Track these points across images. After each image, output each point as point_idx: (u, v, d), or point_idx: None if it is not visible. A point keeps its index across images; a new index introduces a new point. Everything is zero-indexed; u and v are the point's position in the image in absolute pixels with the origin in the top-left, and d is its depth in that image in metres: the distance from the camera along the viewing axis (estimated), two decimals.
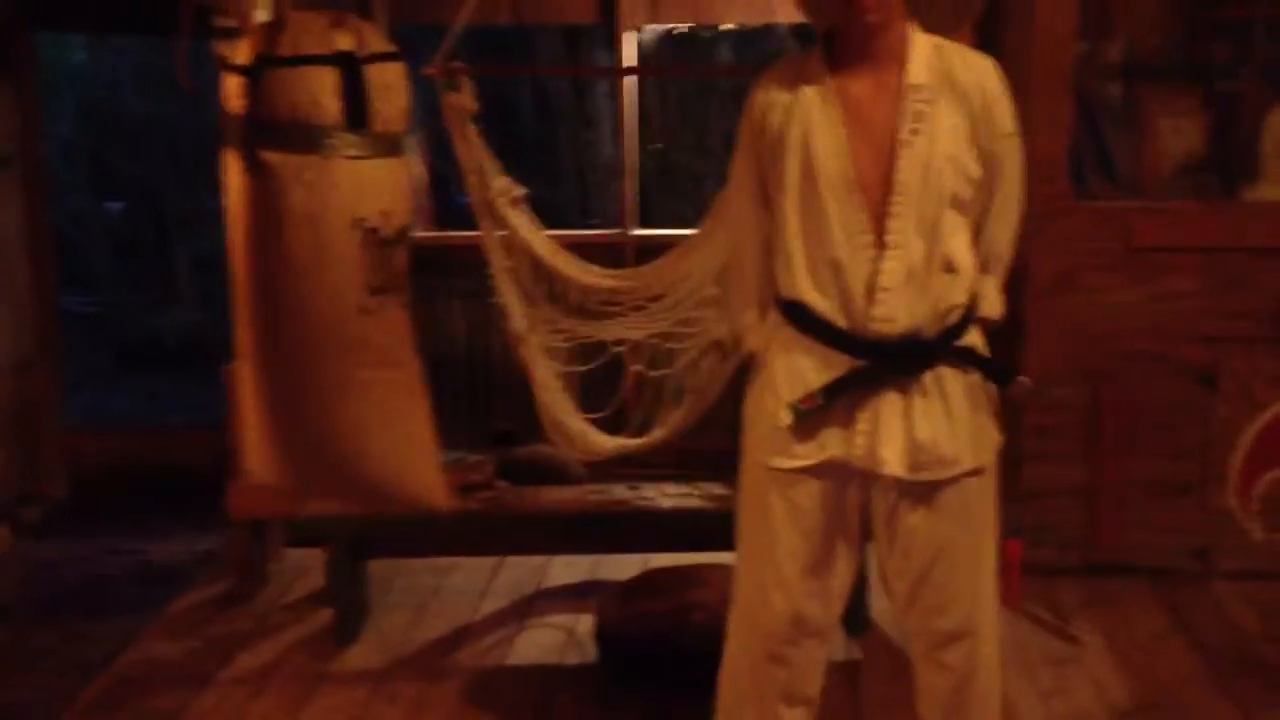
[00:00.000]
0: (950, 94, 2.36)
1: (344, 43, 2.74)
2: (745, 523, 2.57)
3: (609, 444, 3.71)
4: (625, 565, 4.05)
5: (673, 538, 3.76)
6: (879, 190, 2.33)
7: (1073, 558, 4.03)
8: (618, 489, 3.80)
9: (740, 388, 2.62)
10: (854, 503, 2.46)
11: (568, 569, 4.20)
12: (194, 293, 9.51)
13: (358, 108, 2.78)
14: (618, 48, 5.57)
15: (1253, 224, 3.93)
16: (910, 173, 2.32)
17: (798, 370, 2.41)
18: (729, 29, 7.84)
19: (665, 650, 3.34)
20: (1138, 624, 3.75)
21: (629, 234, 5.44)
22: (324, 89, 2.71)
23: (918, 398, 2.37)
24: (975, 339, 2.46)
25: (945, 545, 2.44)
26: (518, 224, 3.95)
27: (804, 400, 2.38)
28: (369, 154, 2.80)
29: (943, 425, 2.38)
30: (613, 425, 3.73)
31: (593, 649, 3.52)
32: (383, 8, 5.46)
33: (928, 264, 2.34)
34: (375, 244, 2.83)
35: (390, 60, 2.85)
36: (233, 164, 2.80)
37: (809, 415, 2.39)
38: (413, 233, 3.07)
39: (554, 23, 7.28)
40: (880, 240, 2.33)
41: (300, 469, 2.99)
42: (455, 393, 5.52)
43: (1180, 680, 3.46)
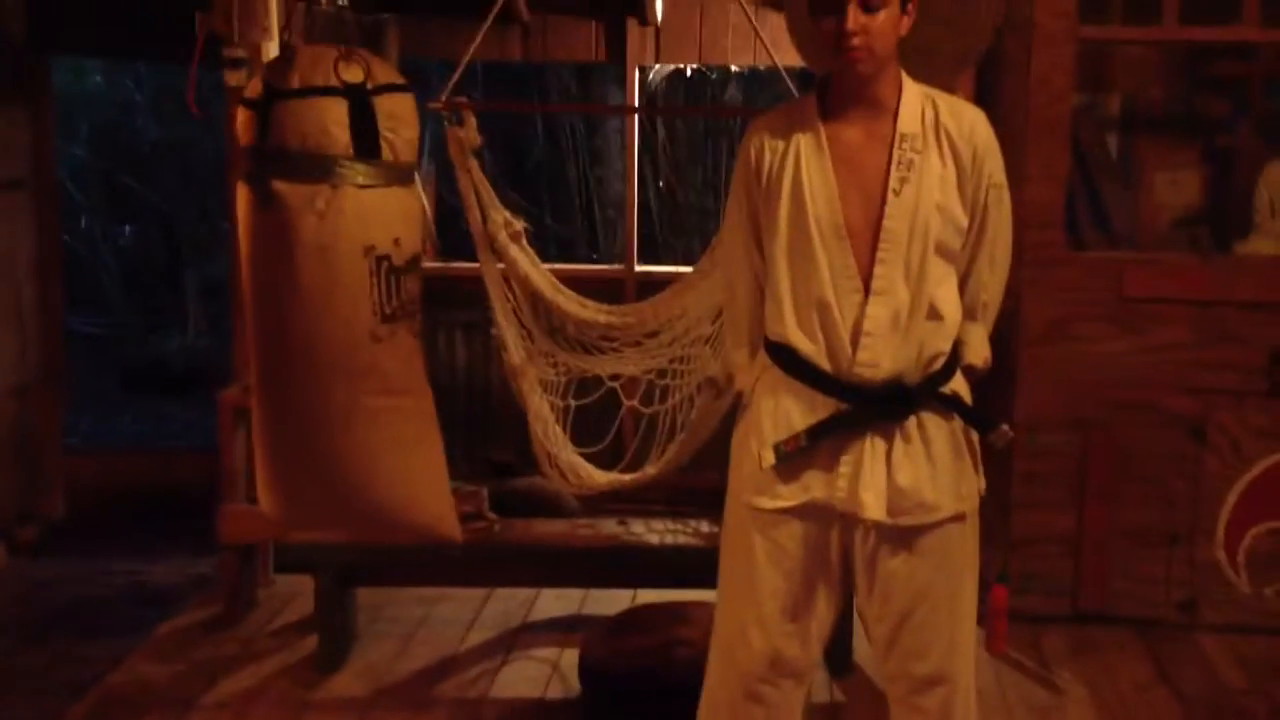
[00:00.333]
0: (940, 144, 2.40)
1: (352, 75, 2.78)
2: (727, 561, 2.59)
3: (602, 478, 3.74)
4: (614, 600, 4.06)
5: (660, 573, 3.78)
6: (867, 236, 2.37)
7: (1059, 606, 4.03)
8: (607, 524, 3.82)
9: (732, 426, 2.65)
10: (836, 545, 2.48)
11: (557, 602, 4.21)
12: (201, 317, 9.57)
13: (367, 138, 2.81)
14: (629, 86, 5.62)
15: (1245, 278, 3.95)
16: (898, 220, 2.36)
17: (783, 411, 2.44)
18: (737, 69, 7.92)
19: (648, 686, 3.35)
20: (1122, 674, 3.75)
21: (631, 270, 5.49)
22: (333, 119, 2.74)
23: (900, 443, 2.40)
24: (959, 386, 2.49)
25: (924, 590, 2.45)
26: (517, 258, 3.99)
27: (787, 442, 2.41)
28: (379, 183, 2.83)
29: (924, 471, 2.41)
30: (607, 459, 3.76)
31: (576, 683, 3.53)
32: (393, 42, 5.53)
33: (913, 311, 2.37)
34: (386, 272, 2.86)
35: (399, 91, 2.89)
36: (243, 195, 2.84)
37: (792, 457, 2.42)
38: (423, 260, 3.10)
39: (564, 60, 7.35)
40: (867, 286, 2.37)
41: (308, 499, 3.00)
42: (453, 423, 5.54)
43: None
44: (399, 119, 2.87)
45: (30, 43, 5.17)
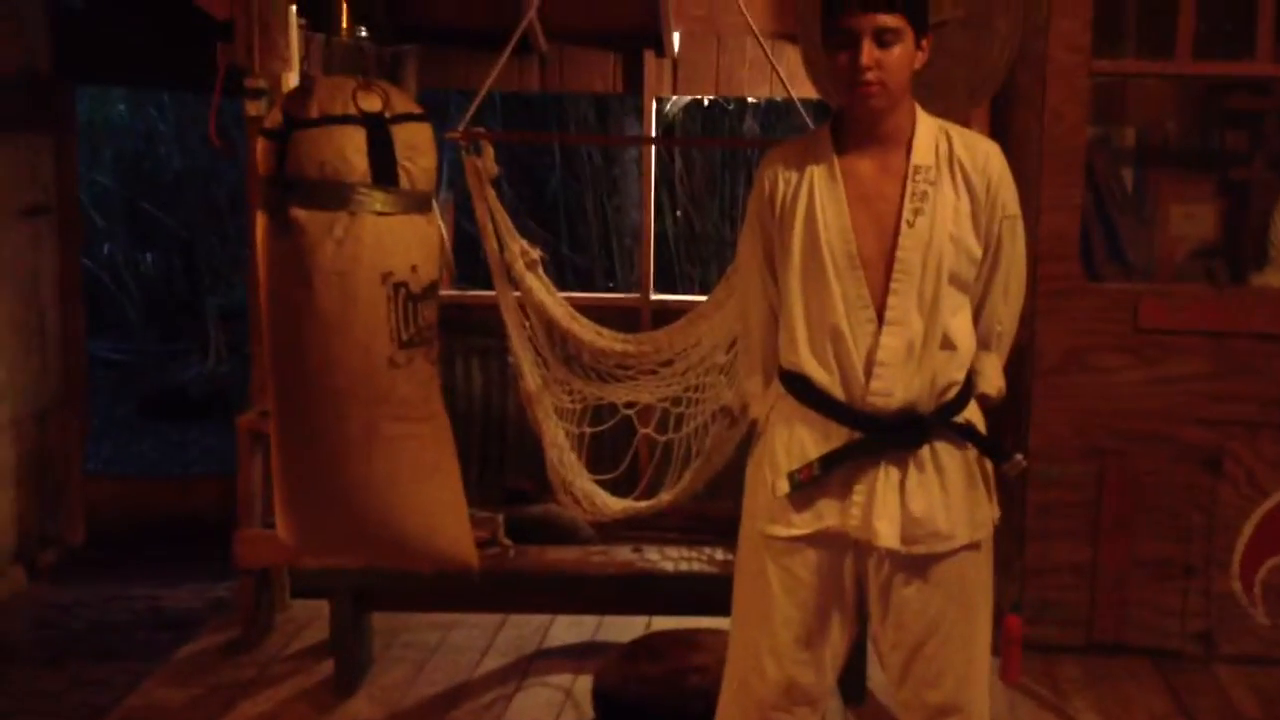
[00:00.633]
0: (954, 175, 2.42)
1: (370, 104, 2.82)
2: (741, 589, 2.60)
3: (617, 505, 3.76)
4: (628, 627, 4.07)
5: (674, 601, 3.79)
6: (881, 267, 2.40)
7: (1074, 636, 4.03)
8: (621, 551, 3.83)
9: (747, 453, 2.67)
10: (850, 573, 2.49)
11: (572, 629, 4.22)
12: (222, 344, 9.62)
13: (385, 166, 2.84)
14: (646, 117, 5.66)
15: (1260, 310, 3.95)
16: (912, 251, 2.38)
17: (797, 440, 2.46)
18: (754, 101, 7.96)
19: (661, 713, 3.36)
20: (1137, 705, 3.74)
21: (647, 299, 5.51)
22: (352, 147, 2.78)
23: (914, 471, 2.42)
24: (972, 415, 2.50)
25: (938, 619, 2.47)
26: (533, 286, 4.03)
27: (801, 471, 2.43)
28: (397, 211, 2.86)
29: (938, 499, 2.43)
30: (622, 487, 3.78)
31: (590, 710, 3.54)
32: (413, 72, 5.59)
33: (927, 341, 2.40)
34: (404, 299, 2.89)
35: (416, 121, 2.92)
36: (261, 223, 2.87)
37: (806, 485, 2.44)
38: (440, 287, 3.13)
39: (582, 91, 7.41)
40: (880, 316, 2.39)
41: (324, 525, 3.02)
42: (469, 450, 5.58)
43: None
44: (416, 148, 2.90)
45: (55, 72, 5.24)
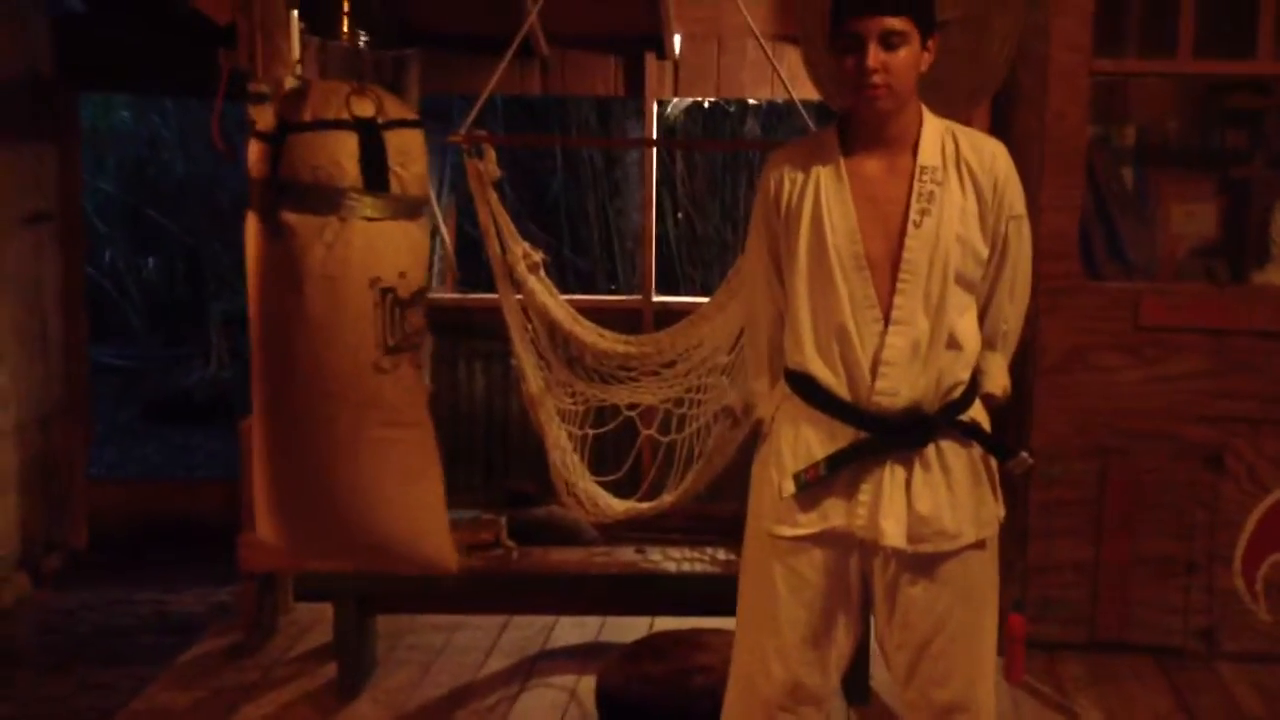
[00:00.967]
0: (961, 176, 2.43)
1: (364, 109, 2.83)
2: (747, 589, 2.61)
3: (620, 506, 3.77)
4: (632, 628, 4.08)
5: (677, 601, 3.80)
6: (887, 267, 2.40)
7: (1077, 634, 4.03)
8: (624, 552, 3.84)
9: (750, 454, 2.68)
10: (856, 573, 2.50)
11: (575, 630, 4.23)
12: (224, 349, 9.64)
13: (377, 172, 2.85)
14: (648, 119, 5.67)
15: (1261, 308, 3.96)
16: (918, 252, 2.39)
17: (802, 440, 2.47)
18: (755, 103, 7.97)
19: (664, 713, 3.36)
20: (1140, 703, 3.74)
21: (649, 300, 5.52)
22: (344, 152, 2.79)
23: (919, 470, 2.43)
24: (978, 414, 2.51)
25: (945, 617, 2.47)
26: (535, 288, 4.03)
27: (807, 471, 2.44)
28: (387, 216, 2.87)
29: (944, 498, 2.43)
30: (624, 488, 3.79)
31: (594, 710, 3.55)
32: (415, 76, 5.60)
33: (933, 341, 2.40)
34: (392, 304, 2.90)
35: (409, 127, 2.93)
36: (253, 225, 2.88)
37: (812, 486, 2.44)
38: (429, 294, 3.14)
39: (583, 94, 7.42)
40: (887, 316, 2.40)
41: (309, 527, 3.03)
42: (472, 452, 5.59)
43: None
44: (408, 154, 2.91)
45: (58, 79, 5.26)
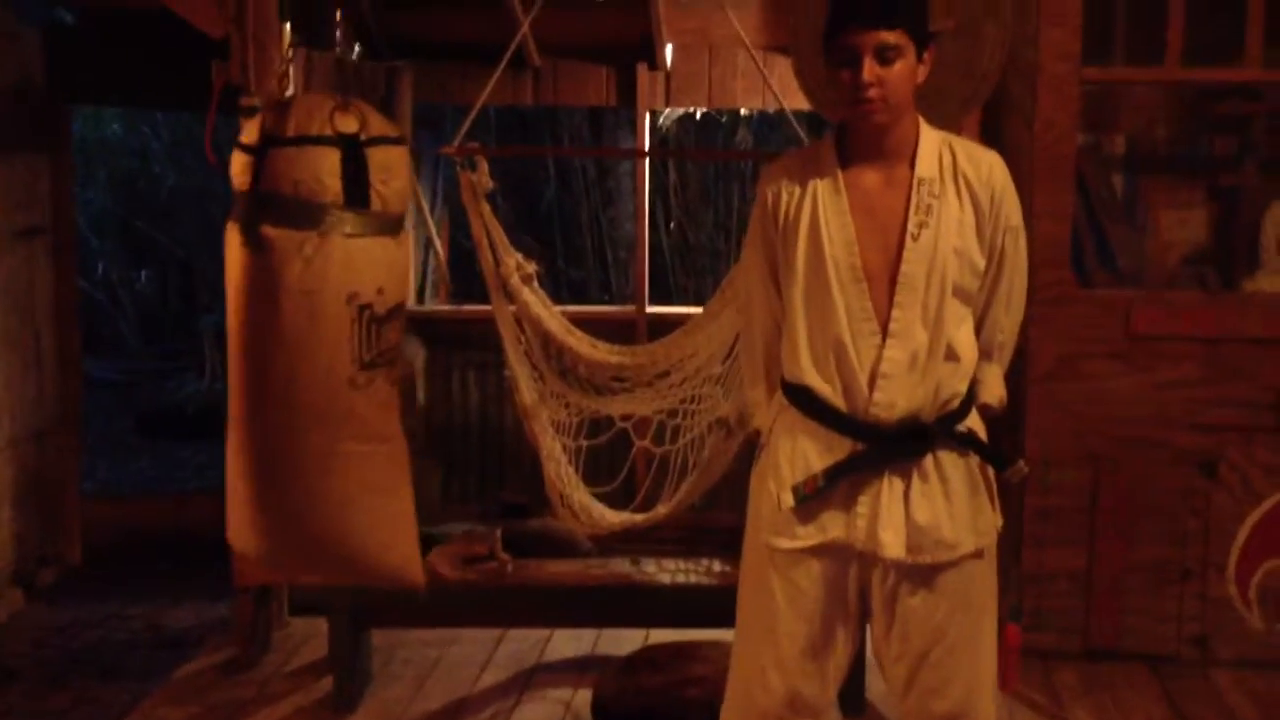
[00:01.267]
0: (958, 187, 2.43)
1: (347, 125, 2.84)
2: (746, 601, 2.61)
3: (614, 518, 3.76)
4: (627, 640, 4.07)
5: (673, 613, 3.79)
6: (885, 280, 2.41)
7: (1071, 642, 4.03)
8: (619, 563, 3.84)
9: (745, 464, 2.68)
10: (854, 584, 2.50)
11: (571, 642, 4.22)
12: (217, 362, 9.64)
13: (358, 188, 2.86)
14: (640, 129, 5.69)
15: (1253, 315, 3.97)
16: (916, 264, 2.39)
17: (800, 453, 2.47)
18: (747, 113, 7.99)
19: None
20: (1135, 711, 3.74)
21: (642, 311, 5.53)
22: (325, 168, 2.80)
23: (917, 481, 2.43)
24: (974, 424, 2.51)
25: (944, 627, 2.47)
26: (529, 300, 4.04)
27: (805, 484, 2.44)
28: (367, 233, 2.88)
29: (942, 508, 2.44)
30: (619, 499, 3.79)
31: None
32: (407, 87, 5.61)
33: (931, 353, 2.41)
34: (368, 320, 2.91)
35: (392, 144, 2.94)
36: (233, 237, 2.88)
37: (810, 498, 2.44)
38: (405, 309, 3.14)
39: (576, 105, 7.44)
40: (884, 328, 2.40)
41: (280, 539, 3.04)
42: (467, 464, 5.60)
43: None
44: (390, 170, 2.92)
45: (50, 91, 5.25)
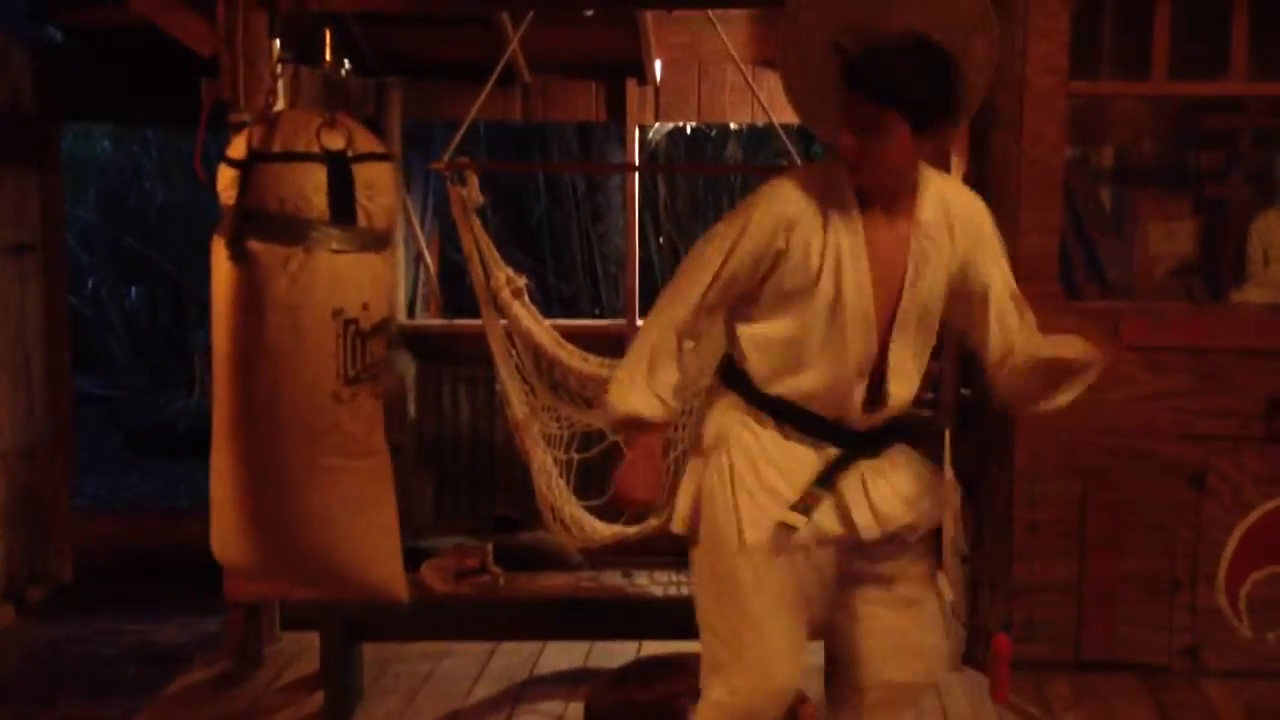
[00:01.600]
0: (951, 234, 2.50)
1: (334, 142, 2.84)
2: (722, 602, 2.59)
3: (606, 531, 3.77)
4: (620, 652, 4.07)
5: (665, 625, 3.78)
6: (885, 319, 2.49)
7: (1062, 654, 4.03)
8: (611, 576, 3.84)
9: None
10: (831, 568, 2.56)
11: (563, 655, 4.22)
12: (207, 378, 9.62)
13: (344, 204, 2.86)
14: (629, 144, 5.71)
15: (1240, 326, 3.98)
16: (910, 308, 2.49)
17: (774, 463, 2.52)
18: (736, 127, 8.02)
19: None
20: None
21: (633, 324, 5.54)
22: (312, 184, 2.80)
23: (879, 467, 2.55)
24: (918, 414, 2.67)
25: (910, 600, 2.59)
26: (519, 314, 4.05)
27: (807, 498, 2.49)
28: (352, 249, 2.87)
29: (906, 486, 2.56)
30: (610, 513, 3.79)
31: None
32: (397, 103, 5.63)
33: (914, 377, 2.55)
34: (353, 335, 2.91)
35: (379, 160, 2.94)
36: (220, 252, 2.88)
37: (812, 509, 2.49)
38: (392, 324, 3.15)
39: (565, 120, 7.46)
40: (884, 362, 2.50)
41: (263, 551, 3.04)
42: (458, 478, 5.60)
43: None
44: (376, 187, 2.91)
45: (39, 109, 5.26)
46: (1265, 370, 3.95)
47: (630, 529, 3.73)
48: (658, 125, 7.53)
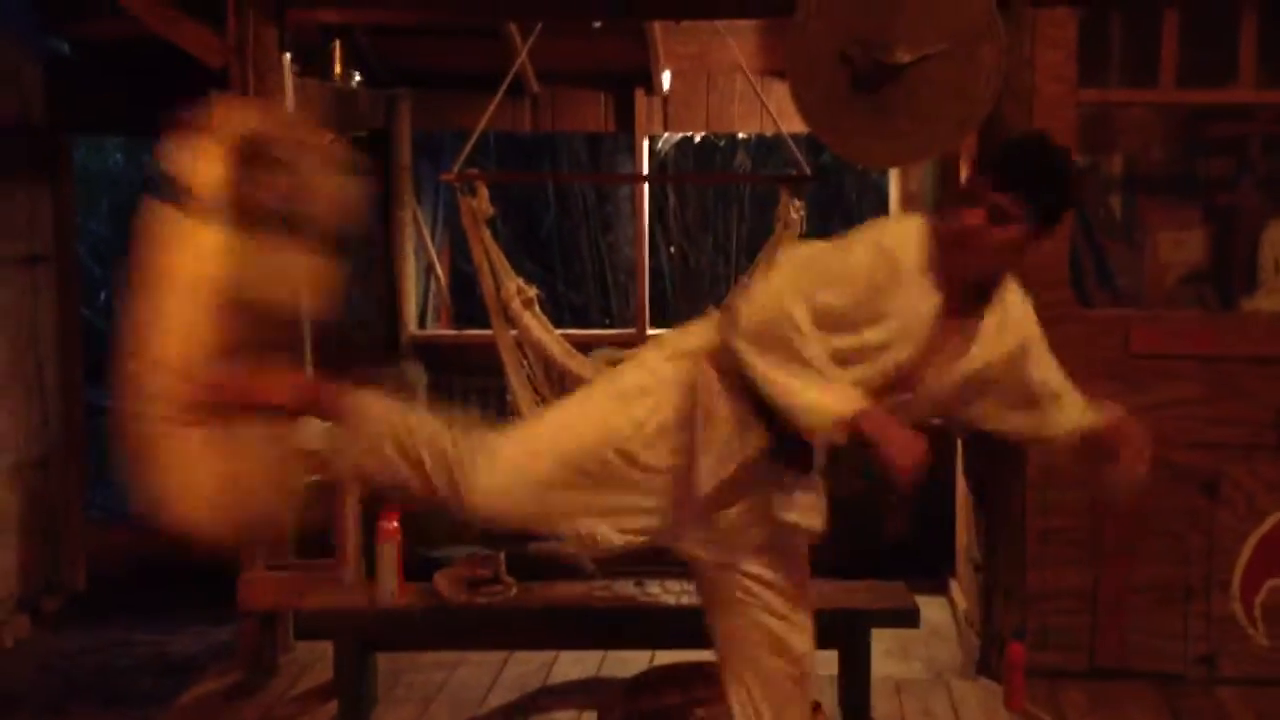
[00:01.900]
0: (1001, 337, 2.51)
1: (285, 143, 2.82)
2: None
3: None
4: (634, 661, 4.07)
5: (677, 634, 3.78)
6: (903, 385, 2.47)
7: (1076, 661, 4.03)
8: (623, 585, 3.84)
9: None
10: None
11: (575, 664, 4.22)
12: None
13: (281, 204, 2.83)
14: (638, 155, 5.72)
15: (1251, 334, 3.99)
16: (928, 392, 2.48)
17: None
18: (745, 136, 8.03)
19: None
20: None
21: (643, 334, 5.55)
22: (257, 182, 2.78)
23: None
24: None
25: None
26: (530, 324, 4.07)
27: None
28: (284, 243, 2.84)
29: None
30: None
31: None
32: (406, 115, 5.65)
33: None
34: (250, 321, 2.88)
35: (325, 160, 2.92)
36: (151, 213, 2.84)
37: None
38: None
39: (574, 131, 7.48)
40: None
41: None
42: None
43: None
44: (312, 188, 2.89)
45: (51, 122, 5.28)
46: (1277, 378, 3.96)
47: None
48: (666, 135, 7.54)
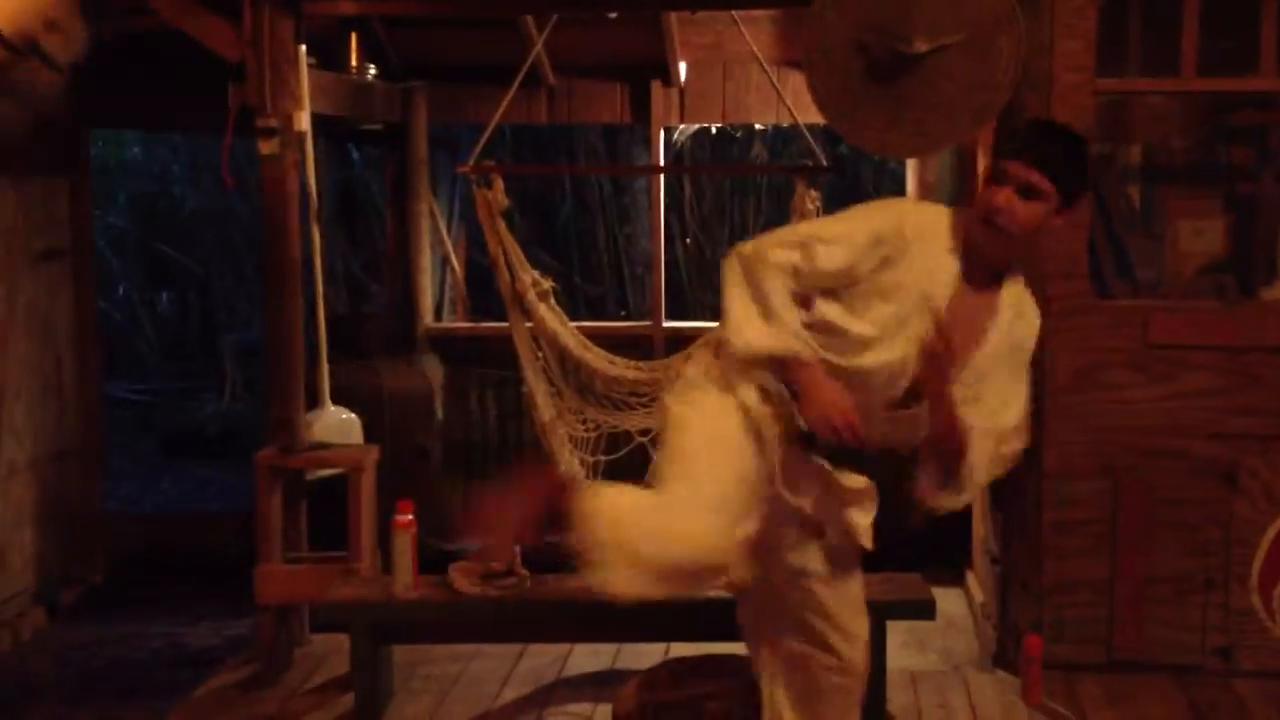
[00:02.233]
0: (1012, 329, 2.58)
1: None
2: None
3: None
4: (649, 654, 4.06)
5: (692, 626, 3.79)
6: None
7: (1094, 654, 4.01)
8: None
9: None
10: None
11: (591, 657, 4.22)
12: (238, 381, 9.67)
13: None
14: (654, 146, 5.71)
15: (1271, 324, 3.95)
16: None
17: None
18: (762, 127, 8.01)
19: None
20: None
21: (659, 326, 5.54)
22: None
23: None
24: None
25: None
26: (546, 316, 4.06)
27: None
28: None
29: None
30: None
31: None
32: (422, 107, 5.65)
33: None
34: None
35: None
36: None
37: None
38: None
39: (590, 123, 7.46)
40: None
41: None
42: (485, 480, 5.60)
43: None
44: None
45: (68, 115, 5.29)
46: None
47: None
48: (683, 127, 7.52)
